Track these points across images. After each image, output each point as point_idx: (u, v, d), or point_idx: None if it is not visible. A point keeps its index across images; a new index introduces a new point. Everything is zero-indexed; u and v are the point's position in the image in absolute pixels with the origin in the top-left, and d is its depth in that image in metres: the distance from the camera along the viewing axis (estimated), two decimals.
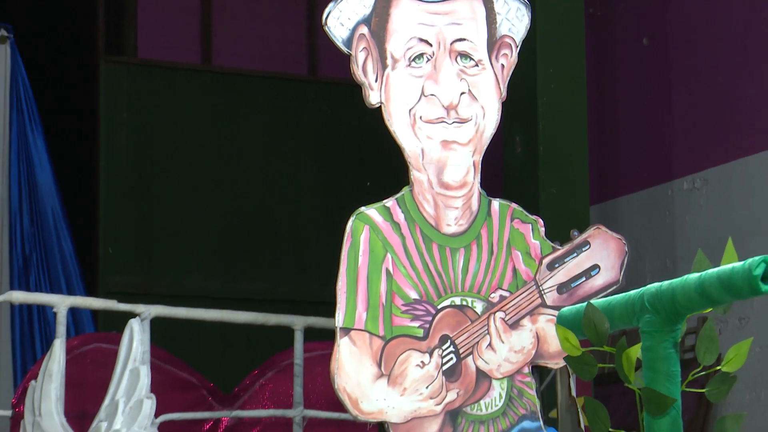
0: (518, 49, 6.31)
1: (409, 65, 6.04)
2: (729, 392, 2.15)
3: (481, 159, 6.10)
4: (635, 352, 2.26)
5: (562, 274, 6.00)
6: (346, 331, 5.77)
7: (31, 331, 10.64)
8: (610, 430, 2.19)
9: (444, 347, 5.87)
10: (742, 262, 2.18)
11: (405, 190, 5.99)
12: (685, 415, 2.46)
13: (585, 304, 2.38)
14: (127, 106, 11.41)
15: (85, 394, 6.44)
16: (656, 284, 2.35)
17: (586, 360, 2.17)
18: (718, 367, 2.13)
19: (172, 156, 11.40)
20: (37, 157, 11.10)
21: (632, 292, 2.40)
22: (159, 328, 6.63)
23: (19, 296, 8.35)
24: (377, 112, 6.08)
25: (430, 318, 5.88)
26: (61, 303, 6.88)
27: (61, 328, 6.58)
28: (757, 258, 2.14)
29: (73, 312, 8.43)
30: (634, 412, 2.25)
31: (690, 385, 2.23)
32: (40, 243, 10.92)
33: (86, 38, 11.94)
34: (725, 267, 2.22)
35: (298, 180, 11.37)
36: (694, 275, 2.25)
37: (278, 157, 11.50)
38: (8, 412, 7.48)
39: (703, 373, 2.15)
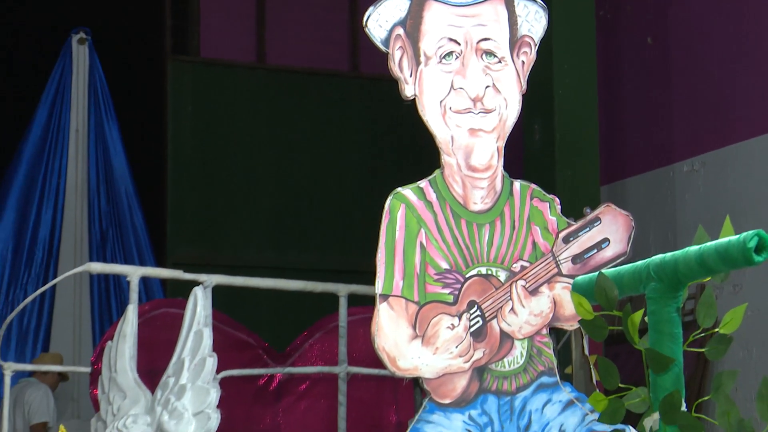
0: (536, 47, 6.29)
1: (439, 62, 6.03)
2: (725, 352, 2.13)
3: (503, 145, 6.08)
4: (638, 316, 2.24)
5: (576, 247, 5.97)
6: (385, 297, 5.77)
7: (108, 298, 10.67)
8: (620, 385, 2.17)
9: (471, 311, 5.86)
10: (737, 236, 2.16)
11: (436, 172, 5.99)
12: (685, 372, 2.44)
13: (597, 273, 2.36)
14: (191, 99, 11.41)
15: (155, 353, 6.45)
16: (660, 256, 2.33)
17: (598, 323, 2.15)
18: (716, 329, 2.11)
19: (230, 143, 11.41)
20: (112, 144, 11.13)
21: (639, 262, 2.38)
22: (220, 295, 6.63)
23: (97, 267, 8.38)
24: (412, 104, 6.08)
25: (459, 286, 5.87)
26: (133, 273, 6.89)
27: (134, 294, 6.59)
28: (750, 232, 2.12)
29: (145, 281, 8.46)
30: (640, 369, 2.23)
31: (690, 345, 2.21)
32: (115, 220, 10.95)
33: (155, 39, 11.94)
34: (722, 240, 2.20)
35: (341, 164, 11.36)
36: (695, 248, 2.23)
37: (324, 144, 11.49)
38: (88, 369, 7.52)
39: (703, 334, 2.14)
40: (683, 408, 2.12)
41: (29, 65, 11.91)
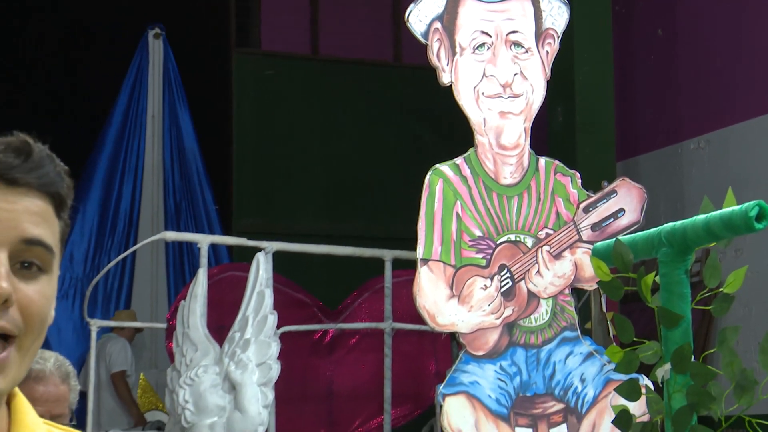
0: (559, 39, 6.26)
1: (473, 52, 6.01)
2: (728, 309, 2.11)
3: (530, 126, 6.07)
4: (651, 278, 2.22)
5: (594, 216, 5.95)
6: (425, 261, 5.77)
7: (181, 262, 10.72)
8: (634, 339, 2.15)
9: (502, 274, 5.84)
10: (739, 206, 2.14)
11: (471, 150, 5.98)
12: (692, 327, 2.43)
13: (614, 239, 2.34)
14: (253, 87, 11.42)
15: (223, 311, 6.46)
16: (670, 224, 2.31)
17: (615, 284, 2.13)
18: (720, 289, 2.09)
19: (287, 126, 11.42)
20: (184, 127, 11.17)
21: (651, 230, 2.36)
22: (279, 260, 6.64)
23: (172, 235, 8.41)
24: (448, 89, 6.06)
25: (490, 251, 5.86)
26: (203, 240, 6.91)
27: (204, 259, 6.61)
28: (752, 202, 2.10)
29: (213, 247, 8.48)
30: (652, 325, 2.21)
31: (697, 303, 2.18)
32: (187, 194, 10.99)
33: (221, 34, 11.96)
34: (726, 210, 2.18)
35: (386, 144, 11.35)
36: (701, 216, 2.21)
37: (370, 126, 11.49)
38: (164, 325, 7.55)
39: (708, 294, 2.11)
40: (692, 359, 2.10)
41: (111, 58, 11.93)
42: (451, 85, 6.04)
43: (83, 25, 12.58)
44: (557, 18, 6.26)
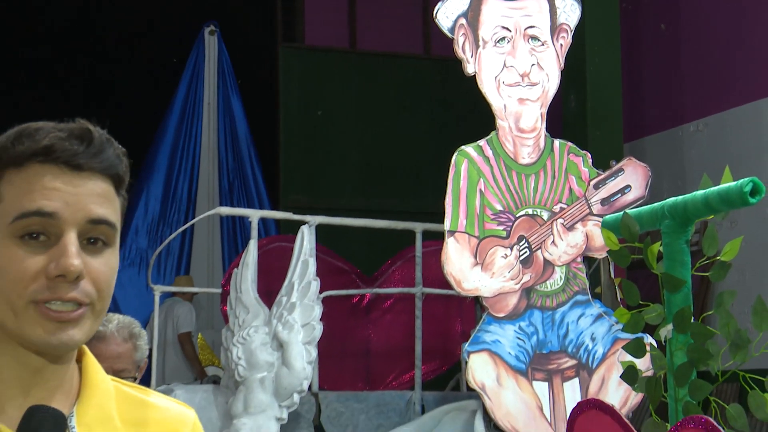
0: (572, 33, 6.23)
1: (494, 45, 6.00)
2: (725, 275, 2.09)
3: (546, 111, 6.05)
4: (656, 247, 2.20)
5: (604, 192, 5.93)
6: (452, 233, 5.77)
7: (234, 234, 10.75)
8: (640, 302, 2.14)
9: (521, 244, 5.84)
10: (735, 182, 2.12)
11: (492, 133, 5.98)
12: (692, 292, 2.42)
13: (622, 213, 2.32)
14: (297, 78, 11.43)
15: (271, 278, 6.47)
16: (672, 199, 2.29)
17: (623, 252, 2.11)
18: (718, 257, 2.07)
19: (328, 113, 11.42)
20: (237, 114, 11.19)
21: (655, 204, 2.35)
22: (321, 232, 6.64)
23: (226, 210, 8.45)
24: (472, 79, 6.04)
25: (510, 223, 5.85)
26: (254, 214, 6.92)
27: (254, 232, 6.62)
28: (746, 179, 2.09)
29: (263, 221, 8.48)
30: (656, 289, 2.19)
31: (697, 270, 2.17)
32: (239, 174, 11.02)
33: (268, 30, 11.97)
34: (723, 186, 2.17)
35: (416, 128, 11.32)
36: (700, 192, 2.19)
37: (403, 113, 11.48)
38: (219, 290, 7.58)
39: (707, 261, 2.09)
40: (692, 320, 2.09)
41: (171, 52, 11.97)
42: (474, 75, 6.03)
43: (147, 22, 12.61)
44: (570, 14, 6.24)
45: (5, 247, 1.36)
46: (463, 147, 5.93)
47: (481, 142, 5.95)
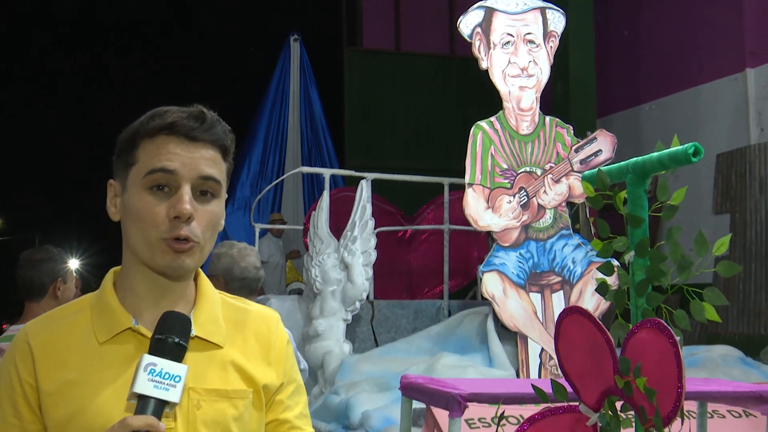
0: (559, 37, 6.13)
1: (501, 48, 5.93)
2: (674, 215, 2.04)
3: (539, 95, 5.97)
4: (622, 194, 2.15)
5: (582, 155, 5.86)
6: (470, 185, 5.74)
7: (312, 186, 10.78)
8: (610, 235, 2.09)
9: (521, 193, 5.79)
10: (681, 146, 2.08)
11: (500, 112, 5.92)
12: (648, 227, 2.40)
13: (596, 169, 2.28)
14: (358, 73, 11.42)
15: (339, 218, 6.49)
16: (634, 158, 2.25)
17: (597, 198, 2.07)
18: (668, 202, 2.02)
19: (380, 99, 11.41)
20: (314, 100, 11.20)
21: (621, 163, 2.31)
22: (375, 185, 6.63)
23: (306, 169, 8.47)
24: (486, 72, 5.97)
25: (513, 178, 5.80)
26: (326, 172, 6.92)
27: (327, 185, 6.62)
28: (690, 144, 2.04)
29: (333, 177, 8.48)
30: (621, 226, 2.15)
31: (653, 212, 2.12)
32: (315, 143, 11.03)
33: (336, 36, 11.94)
34: (672, 149, 2.12)
35: (445, 109, 11.25)
36: (656, 154, 2.14)
37: (436, 97, 11.43)
38: (301, 227, 7.59)
39: (660, 205, 2.05)
40: (649, 248, 2.05)
41: (265, 57, 11.98)
42: (487, 70, 5.97)
43: (247, 31, 12.62)
44: (557, 24, 6.14)
45: (139, 196, 1.38)
46: (478, 122, 5.89)
47: (492, 119, 5.90)
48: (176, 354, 1.31)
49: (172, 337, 1.32)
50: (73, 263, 12.91)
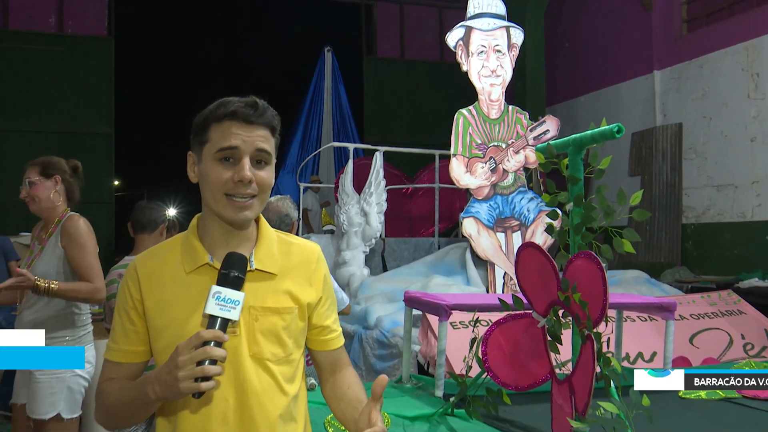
0: (519, 47, 6.00)
1: (477, 55, 5.81)
2: (602, 176, 2.00)
3: (504, 90, 5.87)
4: (565, 161, 2.11)
5: (535, 133, 5.78)
6: (454, 155, 5.67)
7: (340, 155, 10.69)
8: (555, 190, 2.06)
9: (490, 161, 5.73)
10: (608, 126, 2.03)
11: (476, 102, 5.82)
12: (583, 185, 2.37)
13: (545, 143, 2.23)
14: (373, 75, 11.30)
15: (360, 179, 6.42)
16: (574, 135, 2.20)
17: (546, 165, 2.03)
18: (598, 167, 1.98)
19: (390, 94, 11.29)
20: (342, 95, 11.01)
21: (564, 138, 2.26)
22: (387, 155, 6.57)
23: (336, 144, 8.36)
24: (466, 74, 5.87)
25: (485, 150, 5.73)
26: (351, 146, 6.84)
27: (351, 155, 6.56)
28: (614, 124, 1.99)
29: (355, 149, 8.39)
30: (564, 184, 2.11)
31: (587, 173, 2.07)
32: (342, 125, 10.89)
33: (357, 46, 11.76)
34: (601, 128, 2.07)
35: (441, 102, 11.10)
36: (589, 132, 2.10)
37: (431, 93, 11.30)
38: (332, 185, 7.54)
39: (592, 169, 2.01)
40: (584, 200, 2.02)
41: (304, 65, 11.77)
42: (467, 72, 5.86)
43: (294, 45, 12.42)
44: (518, 37, 6.01)
45: (213, 166, 1.37)
46: (460, 110, 5.80)
47: (470, 107, 5.81)
48: (236, 284, 1.30)
49: (233, 272, 1.31)
50: (171, 211, 12.95)
